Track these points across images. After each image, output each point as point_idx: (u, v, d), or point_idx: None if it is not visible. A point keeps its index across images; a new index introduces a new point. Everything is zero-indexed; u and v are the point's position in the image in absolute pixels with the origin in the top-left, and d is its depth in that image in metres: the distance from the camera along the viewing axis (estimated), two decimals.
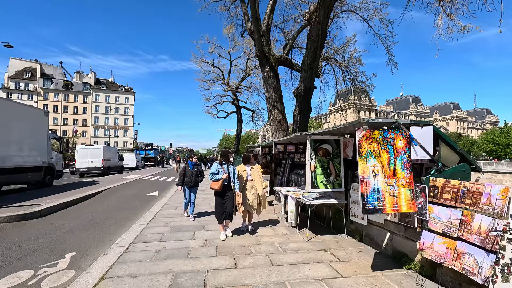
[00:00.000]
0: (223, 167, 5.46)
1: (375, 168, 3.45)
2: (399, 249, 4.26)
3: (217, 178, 5.33)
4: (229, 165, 5.53)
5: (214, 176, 5.36)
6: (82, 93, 71.24)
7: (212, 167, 5.43)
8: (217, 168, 5.41)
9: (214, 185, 5.35)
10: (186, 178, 7.12)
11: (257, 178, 5.84)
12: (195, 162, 7.31)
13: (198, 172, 7.25)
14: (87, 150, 23.01)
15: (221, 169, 5.43)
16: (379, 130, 3.49)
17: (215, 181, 5.35)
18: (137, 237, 5.52)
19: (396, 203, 3.49)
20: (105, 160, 22.97)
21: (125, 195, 11.86)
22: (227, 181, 5.42)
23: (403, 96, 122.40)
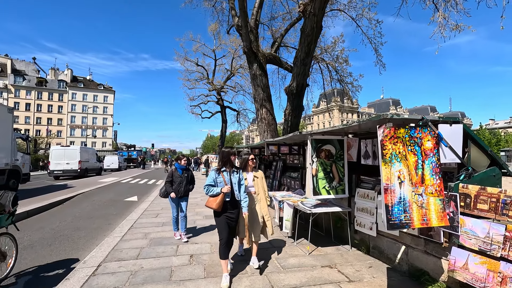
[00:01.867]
0: (223, 175, 3.73)
1: (401, 174, 2.86)
2: (417, 266, 3.71)
3: (215, 192, 3.62)
4: (233, 173, 3.81)
5: (210, 190, 3.65)
6: (57, 91, 67.63)
7: (208, 177, 3.78)
8: (214, 178, 3.71)
9: (211, 202, 3.63)
10: (174, 186, 5.55)
11: (262, 191, 4.29)
12: (184, 165, 5.80)
13: (188, 179, 5.72)
14: (62, 151, 21.41)
15: (220, 179, 3.72)
16: (405, 128, 2.91)
17: (212, 196, 3.65)
18: (109, 254, 4.68)
19: (425, 216, 2.91)
20: (82, 162, 21.51)
21: (100, 200, 10.80)
22: (229, 195, 3.69)
23: (384, 99, 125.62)
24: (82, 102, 69.19)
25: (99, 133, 70.38)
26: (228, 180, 3.74)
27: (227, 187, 3.65)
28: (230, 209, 3.73)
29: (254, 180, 4.31)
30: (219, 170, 3.77)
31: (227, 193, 3.66)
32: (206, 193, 3.69)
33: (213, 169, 3.83)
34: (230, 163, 3.78)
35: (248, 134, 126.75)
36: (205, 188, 3.70)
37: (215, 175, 3.74)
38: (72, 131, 68.33)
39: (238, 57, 28.61)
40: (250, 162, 4.32)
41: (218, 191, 3.62)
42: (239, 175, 3.85)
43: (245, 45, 12.12)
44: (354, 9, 14.36)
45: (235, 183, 3.77)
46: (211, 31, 27.55)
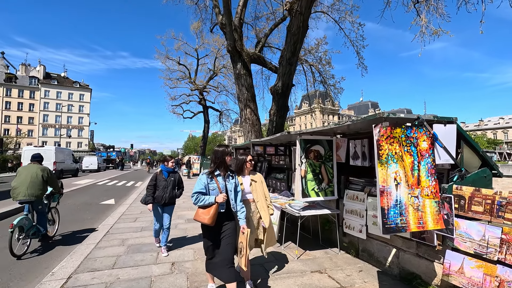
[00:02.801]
0: (217, 181, 3.05)
1: (397, 175, 2.74)
2: (408, 269, 3.62)
3: (207, 202, 2.92)
4: (227, 178, 3.13)
5: (201, 199, 2.94)
6: (28, 88, 64.03)
7: (198, 182, 3.03)
8: (205, 184, 3.01)
9: (202, 215, 2.91)
10: (157, 191, 4.78)
11: (262, 197, 3.59)
12: (171, 167, 5.00)
13: (175, 183, 4.94)
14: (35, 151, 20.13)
15: (214, 185, 3.03)
16: (401, 128, 2.80)
17: (202, 207, 2.95)
18: (82, 264, 4.28)
19: (421, 219, 2.81)
20: (57, 163, 20.48)
21: (74, 204, 10.13)
22: (224, 206, 3.02)
23: (363, 101, 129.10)
24: (56, 100, 65.90)
25: (74, 132, 67.34)
26: (223, 186, 3.03)
27: (222, 195, 2.92)
28: (224, 223, 3.05)
29: (252, 185, 3.57)
30: (212, 174, 3.04)
31: (222, 203, 2.96)
32: (195, 202, 2.91)
33: (203, 173, 3.08)
34: (225, 165, 3.06)
35: (230, 135, 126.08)
36: (193, 196, 2.94)
37: (207, 180, 3.00)
38: (44, 131, 64.91)
39: (221, 56, 28.25)
40: (248, 164, 3.60)
41: (212, 201, 2.89)
42: (234, 180, 3.17)
43: (229, 43, 11.86)
44: (337, 12, 14.53)
45: (230, 191, 3.08)
46: (194, 30, 26.98)
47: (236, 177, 3.23)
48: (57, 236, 6.05)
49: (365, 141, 4.51)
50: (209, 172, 3.08)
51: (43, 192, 5.23)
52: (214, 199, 2.91)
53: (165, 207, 4.83)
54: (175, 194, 4.90)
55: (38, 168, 5.32)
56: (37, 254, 4.99)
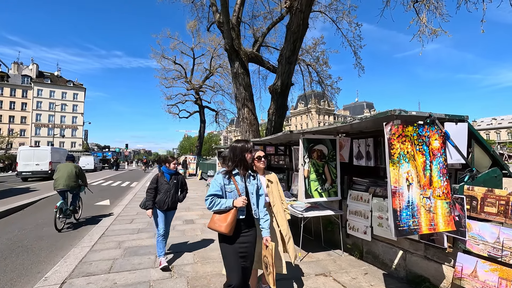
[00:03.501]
0: (235, 182, 2.55)
1: (409, 176, 2.64)
2: (416, 272, 3.52)
3: (224, 206, 2.44)
4: (248, 178, 2.64)
5: (216, 203, 2.46)
6: (20, 86, 62.98)
7: (213, 183, 2.58)
8: (222, 185, 2.54)
9: (218, 222, 2.44)
10: (159, 195, 4.31)
11: (278, 200, 3.23)
12: (174, 169, 4.52)
13: (178, 186, 4.53)
14: (31, 151, 20.30)
15: (232, 187, 2.54)
16: (413, 126, 2.69)
17: (218, 212, 2.47)
18: (76, 268, 4.10)
19: (432, 221, 2.71)
20: (53, 163, 20.36)
21: None
22: (244, 212, 2.52)
23: (358, 102, 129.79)
24: (49, 99, 64.92)
25: (68, 132, 66.43)
26: (243, 188, 2.54)
27: (242, 198, 2.44)
28: (244, 232, 2.52)
29: (269, 187, 3.20)
30: (230, 174, 2.55)
31: (242, 207, 2.48)
32: (209, 207, 2.46)
33: (220, 172, 2.60)
34: (245, 164, 2.56)
35: (226, 135, 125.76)
36: (207, 200, 2.48)
37: (224, 181, 2.52)
38: (37, 130, 63.93)
39: (217, 56, 28.10)
40: (258, 162, 3.13)
41: (229, 205, 2.41)
42: (256, 181, 2.66)
43: (227, 42, 11.73)
44: (335, 12, 14.49)
45: (252, 193, 2.58)
46: (190, 29, 26.84)
47: (258, 177, 2.72)
48: (81, 218, 7.66)
49: (370, 140, 4.41)
50: (226, 172, 2.56)
51: (76, 184, 6.83)
52: (232, 203, 2.42)
53: (167, 213, 4.41)
54: (178, 199, 4.49)
55: (72, 165, 6.95)
56: (70, 230, 6.66)
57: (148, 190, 4.33)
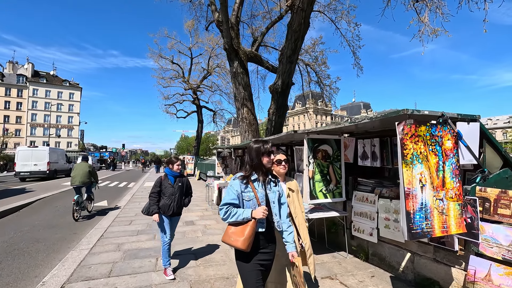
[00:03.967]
0: (254, 188, 2.21)
1: (422, 177, 2.56)
2: (425, 275, 3.45)
3: (241, 217, 2.11)
4: (268, 184, 2.30)
5: (233, 213, 2.14)
6: (16, 86, 62.28)
7: (228, 190, 2.24)
8: (239, 192, 2.19)
9: (233, 235, 2.11)
10: (163, 199, 4.02)
11: (299, 212, 2.86)
12: (178, 171, 4.19)
13: (183, 189, 4.23)
14: (29, 152, 20.36)
15: (250, 194, 2.20)
16: (426, 126, 2.61)
17: (234, 224, 2.14)
18: (75, 271, 3.98)
19: (445, 223, 2.64)
20: (51, 163, 20.57)
21: (64, 206, 9.70)
22: (264, 224, 2.18)
23: (355, 102, 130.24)
24: (45, 99, 64.27)
25: (63, 132, 65.82)
26: (262, 196, 2.20)
27: (262, 208, 2.08)
28: (264, 247, 2.16)
29: (290, 196, 2.80)
30: (247, 179, 2.20)
31: (262, 219, 2.13)
32: (224, 218, 2.13)
33: (236, 177, 2.23)
34: (262, 169, 2.22)
35: (223, 135, 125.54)
36: (222, 209, 2.14)
37: (241, 187, 2.17)
38: (33, 130, 63.27)
39: (215, 56, 27.97)
40: (278, 166, 2.74)
41: (248, 216, 2.07)
42: (278, 187, 2.33)
43: (226, 41, 11.65)
44: (334, 12, 14.45)
45: (273, 202, 2.24)
46: (188, 28, 26.67)
47: (279, 183, 2.38)
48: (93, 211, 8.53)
49: (376, 140, 4.34)
50: (242, 177, 2.20)
51: (90, 180, 7.93)
52: (250, 213, 2.08)
53: (172, 218, 4.13)
54: (183, 203, 4.20)
55: (86, 165, 8.04)
56: (84, 220, 7.72)
57: (151, 194, 4.03)
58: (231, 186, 2.21)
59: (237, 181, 2.20)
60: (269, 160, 2.24)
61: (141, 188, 15.00)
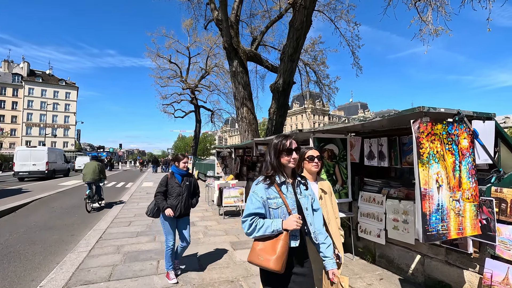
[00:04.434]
0: (281, 193, 1.79)
1: (439, 177, 2.46)
2: (436, 277, 3.36)
3: (271, 229, 1.70)
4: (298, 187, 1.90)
5: (259, 225, 1.72)
6: (11, 85, 61.59)
7: (251, 196, 1.82)
8: (264, 199, 1.78)
9: (263, 252, 1.68)
10: (169, 200, 3.75)
11: (333, 216, 2.46)
12: (185, 170, 3.92)
13: (191, 188, 3.96)
14: (28, 152, 20.44)
15: (276, 200, 1.79)
16: (442, 124, 2.52)
17: (262, 239, 1.73)
18: (73, 275, 3.84)
19: (461, 225, 2.54)
20: (50, 163, 20.67)
21: (61, 207, 9.53)
22: (297, 236, 1.77)
23: (353, 102, 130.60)
24: (41, 98, 63.64)
25: (60, 132, 65.21)
26: (293, 202, 1.80)
27: (295, 217, 1.69)
28: (299, 265, 1.78)
29: (322, 198, 2.41)
30: (272, 181, 1.80)
31: (295, 231, 1.73)
32: (249, 232, 1.73)
33: (259, 181, 1.82)
34: (281, 168, 1.83)
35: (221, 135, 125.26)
36: (245, 221, 1.75)
37: (265, 193, 1.78)
38: (28, 130, 62.63)
39: (213, 55, 27.81)
40: (309, 163, 2.37)
41: (278, 228, 1.68)
42: (309, 191, 1.94)
43: (225, 40, 11.53)
44: (333, 11, 14.39)
45: (307, 209, 1.85)
46: (185, 27, 26.52)
47: (310, 185, 1.98)
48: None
49: (383, 139, 4.24)
50: (266, 178, 1.81)
51: (99, 177, 8.87)
52: (281, 224, 1.68)
53: (180, 220, 3.83)
54: (191, 203, 3.91)
55: (96, 163, 8.99)
56: (95, 212, 8.70)
57: (157, 194, 3.75)
58: (254, 192, 1.80)
59: (261, 185, 1.80)
60: (289, 159, 1.80)
61: (139, 189, 14.83)
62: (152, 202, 3.84)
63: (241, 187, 7.66)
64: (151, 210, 3.80)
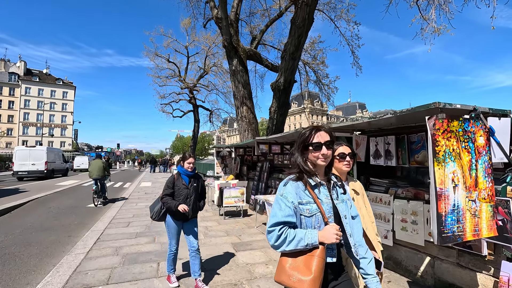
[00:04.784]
0: (316, 196, 1.47)
1: (455, 176, 2.35)
2: (447, 280, 3.25)
3: (305, 242, 1.37)
4: (334, 190, 1.56)
5: (289, 236, 1.40)
6: (7, 84, 61.07)
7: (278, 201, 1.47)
8: (295, 204, 1.45)
9: (294, 271, 1.38)
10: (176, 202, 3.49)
11: (368, 221, 2.23)
12: (191, 170, 3.63)
13: (199, 190, 3.70)
14: (27, 151, 20.56)
15: (310, 206, 1.46)
16: (458, 121, 2.40)
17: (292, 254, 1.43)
18: (70, 278, 3.70)
19: (476, 226, 2.43)
20: (49, 163, 20.82)
21: (58, 207, 9.36)
22: (334, 251, 1.48)
23: (351, 102, 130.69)
24: (38, 98, 63.16)
25: (57, 131, 64.73)
26: (329, 208, 1.49)
27: (334, 228, 1.39)
28: (334, 281, 1.52)
29: (355, 201, 2.11)
30: (304, 182, 1.49)
31: (333, 244, 1.44)
32: (277, 244, 1.42)
33: (289, 181, 1.52)
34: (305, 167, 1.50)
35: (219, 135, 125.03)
36: (272, 232, 1.42)
37: (296, 196, 1.46)
38: (25, 129, 62.14)
39: (211, 55, 27.67)
40: (340, 162, 2.06)
41: (314, 241, 1.37)
42: (347, 195, 1.63)
43: (225, 38, 11.42)
44: (333, 10, 14.32)
45: (345, 217, 1.53)
46: (184, 27, 26.37)
47: (346, 191, 1.64)
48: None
49: (390, 138, 4.13)
50: (296, 178, 1.50)
51: (104, 174, 9.68)
52: (317, 236, 1.37)
53: (186, 223, 3.58)
54: (198, 206, 3.66)
55: (100, 161, 9.80)
56: (101, 206, 9.55)
57: (164, 197, 3.46)
58: (282, 196, 1.46)
59: (291, 187, 1.47)
60: (317, 155, 1.46)
61: (137, 189, 14.66)
62: (157, 205, 3.56)
63: (242, 187, 7.54)
64: (157, 213, 3.53)
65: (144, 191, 13.60)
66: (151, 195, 12.21)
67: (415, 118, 3.34)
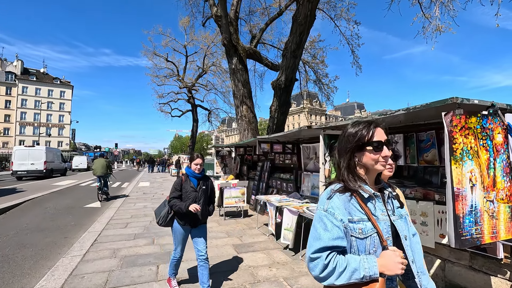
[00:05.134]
0: (369, 213, 1.13)
1: (472, 175, 2.23)
2: (458, 284, 3.13)
3: (361, 274, 1.02)
4: (389, 203, 1.22)
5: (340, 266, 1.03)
6: (4, 83, 60.57)
7: (321, 218, 1.10)
8: (344, 224, 1.09)
9: None
10: None
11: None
12: (199, 172, 3.35)
13: (208, 194, 3.42)
14: (26, 151, 20.56)
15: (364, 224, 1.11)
16: (476, 117, 2.28)
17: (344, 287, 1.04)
18: (66, 282, 3.55)
19: (494, 228, 2.31)
20: (47, 162, 20.81)
21: (54, 208, 9.17)
22: (395, 282, 1.17)
23: (349, 102, 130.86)
24: (35, 97, 62.69)
25: (54, 131, 64.30)
26: (387, 227, 1.16)
27: (397, 257, 1.06)
28: None
29: None
30: (356, 195, 1.14)
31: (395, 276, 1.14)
32: (324, 276, 1.04)
33: (333, 194, 1.15)
34: (355, 173, 1.18)
35: (217, 135, 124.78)
36: (316, 259, 1.06)
37: (346, 212, 1.11)
38: (22, 129, 61.67)
39: (210, 54, 27.53)
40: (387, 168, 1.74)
41: (374, 273, 1.02)
42: (404, 209, 1.30)
43: (225, 37, 11.28)
44: (333, 9, 14.24)
45: (405, 238, 1.19)
46: (183, 26, 26.23)
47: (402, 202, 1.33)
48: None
49: (398, 136, 4.01)
50: (344, 189, 1.16)
51: (107, 172, 10.18)
52: (376, 266, 1.04)
53: (193, 229, 3.33)
54: (208, 211, 3.41)
55: (103, 160, 10.38)
56: (105, 201, 10.16)
57: (172, 200, 3.21)
58: (328, 212, 1.11)
59: (339, 200, 1.13)
60: (377, 158, 1.15)
61: (135, 189, 14.49)
62: (164, 209, 3.30)
63: (243, 187, 7.40)
64: (163, 217, 3.26)
65: (142, 191, 13.44)
66: (149, 195, 12.06)
67: (426, 116, 3.22)
